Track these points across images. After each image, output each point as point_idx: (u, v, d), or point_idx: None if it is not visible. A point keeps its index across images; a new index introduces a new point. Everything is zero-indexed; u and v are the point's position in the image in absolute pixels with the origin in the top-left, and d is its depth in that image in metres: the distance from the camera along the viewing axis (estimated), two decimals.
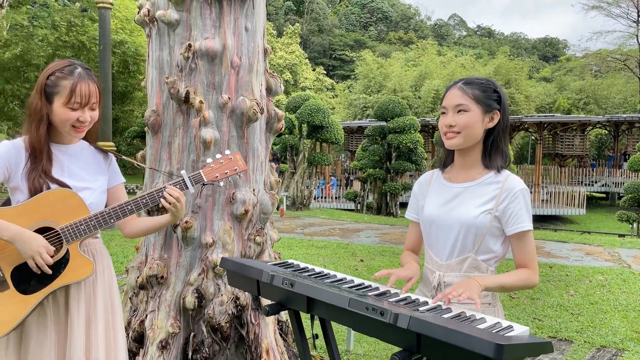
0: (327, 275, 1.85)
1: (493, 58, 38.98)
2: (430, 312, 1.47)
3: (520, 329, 1.41)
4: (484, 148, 1.79)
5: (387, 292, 1.66)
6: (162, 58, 2.94)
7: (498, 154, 1.78)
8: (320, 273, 1.86)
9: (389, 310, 1.32)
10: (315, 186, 19.56)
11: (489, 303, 1.74)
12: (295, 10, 63.69)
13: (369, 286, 1.73)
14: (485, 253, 1.74)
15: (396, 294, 1.64)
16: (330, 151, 24.94)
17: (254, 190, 3.00)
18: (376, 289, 1.70)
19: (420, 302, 1.59)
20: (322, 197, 21.69)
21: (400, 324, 1.29)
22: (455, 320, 1.42)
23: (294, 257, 6.75)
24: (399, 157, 17.60)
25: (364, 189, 18.99)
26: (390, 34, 64.04)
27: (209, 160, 2.07)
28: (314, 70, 47.96)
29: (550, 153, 27.64)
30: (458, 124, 1.72)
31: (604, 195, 27.56)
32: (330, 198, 21.93)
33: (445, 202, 1.80)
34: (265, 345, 2.93)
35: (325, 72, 50.29)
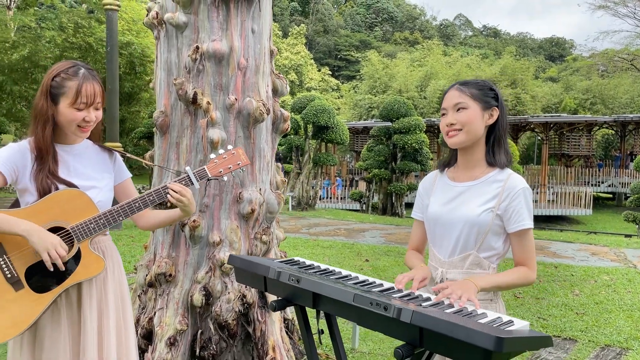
0: (333, 272, 1.88)
1: (499, 58, 38.80)
2: (433, 307, 1.51)
3: (520, 323, 1.45)
4: (486, 146, 1.83)
5: (391, 288, 1.70)
6: (170, 60, 2.99)
7: (501, 151, 1.83)
8: (325, 270, 1.90)
9: (392, 305, 1.35)
10: (320, 186, 19.61)
11: (490, 299, 1.78)
12: (300, 11, 63.73)
13: (373, 282, 1.77)
14: (487, 250, 1.78)
15: (400, 290, 1.68)
16: (335, 151, 24.99)
17: (260, 189, 3.05)
18: (380, 285, 1.74)
19: (423, 298, 1.63)
20: (328, 198, 21.73)
21: (403, 318, 1.33)
22: (457, 315, 1.45)
23: (299, 257, 6.78)
24: (404, 158, 17.62)
25: (369, 190, 19.00)
26: (395, 35, 63.91)
27: (212, 156, 2.09)
28: (319, 70, 48.04)
29: (556, 153, 27.54)
30: (459, 121, 1.76)
31: (611, 195, 27.41)
32: (336, 198, 21.96)
33: (449, 201, 1.84)
34: (271, 342, 2.97)
35: (330, 73, 50.35)
